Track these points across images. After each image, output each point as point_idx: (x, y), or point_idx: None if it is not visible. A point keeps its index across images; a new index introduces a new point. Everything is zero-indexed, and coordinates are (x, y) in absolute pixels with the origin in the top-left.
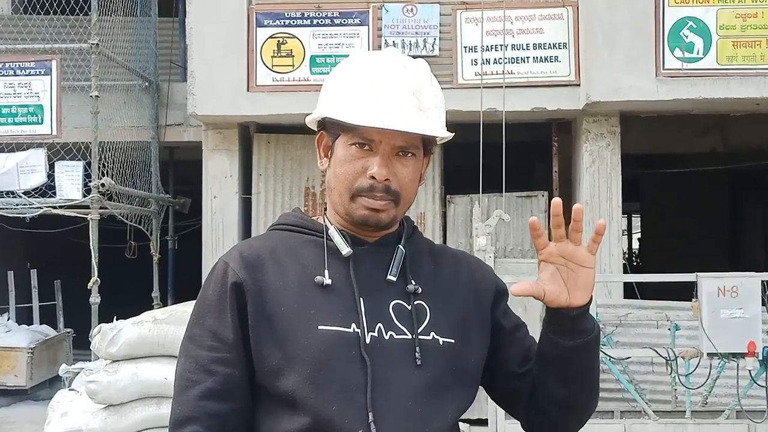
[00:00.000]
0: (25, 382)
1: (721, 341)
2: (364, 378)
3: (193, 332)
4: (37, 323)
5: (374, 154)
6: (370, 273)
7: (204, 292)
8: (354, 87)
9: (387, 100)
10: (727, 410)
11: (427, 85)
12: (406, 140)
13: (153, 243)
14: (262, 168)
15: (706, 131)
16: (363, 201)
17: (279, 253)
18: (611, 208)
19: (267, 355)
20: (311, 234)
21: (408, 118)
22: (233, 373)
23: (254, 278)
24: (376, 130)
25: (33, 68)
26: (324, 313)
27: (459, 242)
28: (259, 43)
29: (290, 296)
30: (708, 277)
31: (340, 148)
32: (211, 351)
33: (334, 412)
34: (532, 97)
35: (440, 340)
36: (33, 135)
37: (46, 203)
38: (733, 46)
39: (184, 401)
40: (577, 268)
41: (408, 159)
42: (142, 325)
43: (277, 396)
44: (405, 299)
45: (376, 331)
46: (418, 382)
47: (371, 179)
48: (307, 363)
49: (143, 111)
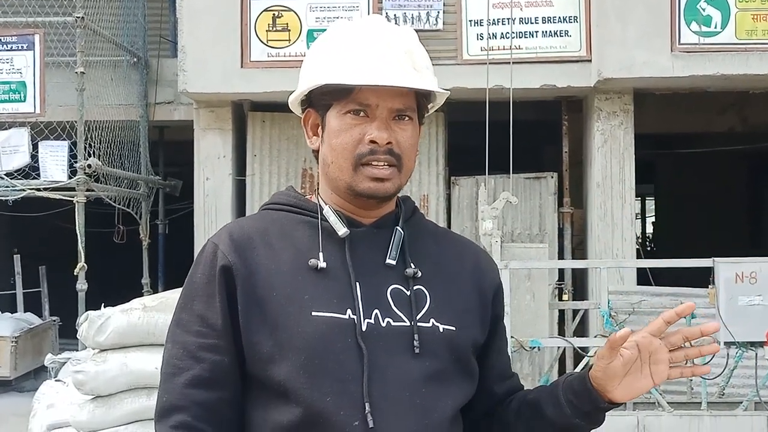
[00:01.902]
0: (9, 373)
1: (739, 330)
2: (361, 367)
3: (180, 317)
4: (21, 311)
5: (371, 120)
6: (367, 256)
7: (192, 275)
8: (344, 50)
9: (381, 59)
10: (745, 401)
11: (417, 46)
12: (403, 103)
13: (142, 227)
14: (256, 148)
15: (724, 110)
16: (367, 171)
17: (271, 234)
18: (624, 190)
19: (258, 343)
20: (305, 214)
21: (405, 74)
22: (222, 360)
23: (244, 261)
24: (373, 93)
25: (15, 43)
26: (318, 299)
27: (464, 226)
28: (254, 16)
29: (282, 280)
30: (725, 262)
31: (333, 120)
32: (199, 337)
33: (329, 403)
34: (540, 73)
35: (440, 327)
36: (15, 113)
37: (29, 185)
38: (752, 19)
39: (171, 389)
40: (647, 374)
41: (406, 123)
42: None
43: (269, 386)
44: (404, 284)
45: (372, 318)
46: (416, 372)
47: (371, 144)
48: (300, 351)
49: (131, 88)
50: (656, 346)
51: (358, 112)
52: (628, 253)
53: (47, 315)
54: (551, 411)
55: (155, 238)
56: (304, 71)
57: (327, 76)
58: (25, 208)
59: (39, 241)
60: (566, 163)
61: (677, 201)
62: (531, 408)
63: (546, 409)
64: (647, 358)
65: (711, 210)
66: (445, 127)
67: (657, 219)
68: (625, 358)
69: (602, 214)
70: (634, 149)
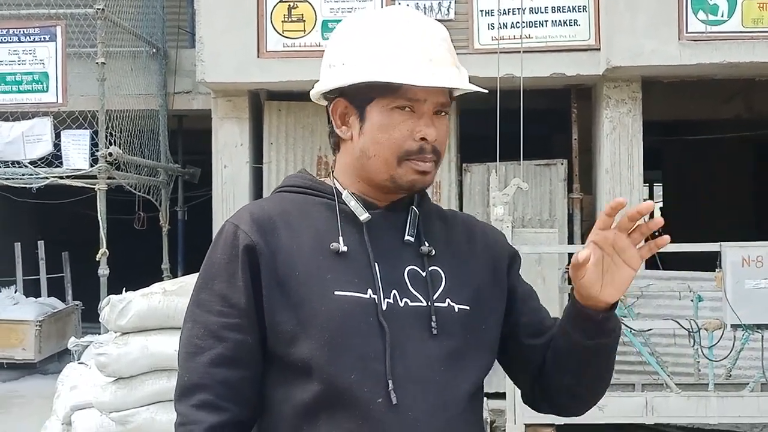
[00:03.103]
0: (34, 356)
1: (746, 312)
2: (383, 346)
3: (200, 297)
4: (44, 296)
5: (417, 116)
6: (384, 237)
7: (211, 255)
8: (391, 46)
9: (433, 57)
10: (752, 383)
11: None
12: (445, 97)
13: (162, 214)
14: (273, 136)
15: (731, 97)
16: (412, 165)
17: (291, 215)
18: (632, 176)
19: (280, 321)
20: (322, 196)
21: (454, 72)
22: (245, 339)
23: (267, 241)
24: (423, 90)
25: (37, 34)
26: (339, 279)
27: (476, 212)
28: (269, 7)
29: (304, 261)
30: (732, 246)
31: (377, 114)
32: (220, 316)
33: (353, 380)
34: (550, 62)
35: (456, 307)
36: (38, 103)
37: (52, 173)
38: (759, 8)
39: (193, 368)
40: (621, 264)
41: (443, 118)
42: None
43: (291, 363)
44: (419, 264)
45: (391, 298)
46: (435, 351)
47: (421, 141)
48: (323, 329)
49: (151, 78)
50: (612, 236)
51: (405, 107)
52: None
53: (70, 299)
54: (565, 344)
55: (175, 225)
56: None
57: (377, 73)
58: (49, 196)
59: (62, 227)
60: (576, 150)
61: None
62: (553, 349)
63: (561, 343)
64: (612, 251)
65: (718, 195)
66: (457, 115)
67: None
68: (593, 260)
69: (611, 200)
70: (642, 136)
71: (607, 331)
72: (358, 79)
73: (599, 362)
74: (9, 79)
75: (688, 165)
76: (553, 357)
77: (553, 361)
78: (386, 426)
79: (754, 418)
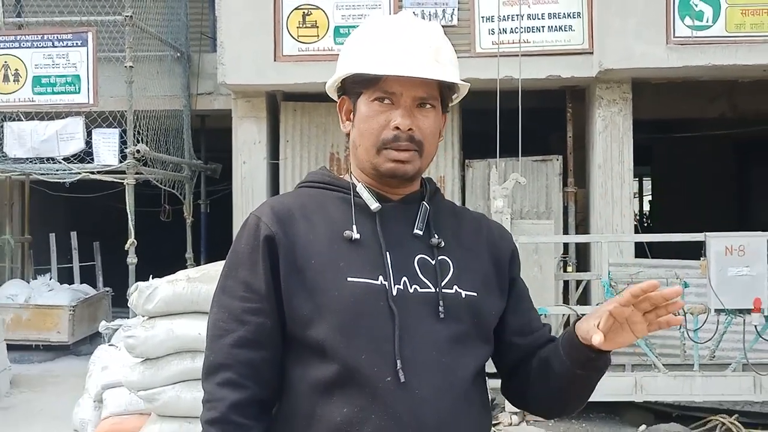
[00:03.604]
0: (68, 338)
1: (728, 298)
2: (392, 328)
3: (225, 284)
4: (77, 283)
5: (396, 107)
6: (396, 228)
7: (236, 245)
8: (373, 43)
9: (406, 51)
10: (734, 363)
11: (442, 41)
12: (425, 91)
13: (186, 206)
14: (288, 135)
15: (715, 97)
16: (388, 154)
17: (308, 208)
18: (623, 171)
19: (297, 306)
20: (338, 190)
21: (426, 66)
22: (265, 322)
23: (285, 232)
24: (397, 81)
25: (70, 40)
26: (352, 266)
27: (477, 204)
28: (285, 14)
29: (320, 250)
30: (716, 236)
31: (362, 106)
32: (243, 301)
33: (364, 360)
34: (546, 65)
35: (463, 293)
36: (71, 104)
37: (84, 168)
38: (741, 14)
39: (218, 349)
40: (627, 330)
41: (428, 111)
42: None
43: (308, 345)
44: (429, 254)
45: (401, 284)
46: (441, 334)
47: (395, 130)
48: (337, 313)
49: (175, 80)
50: (628, 313)
51: (384, 99)
52: (626, 228)
53: (101, 286)
54: (556, 364)
55: (198, 217)
56: (340, 60)
57: (357, 67)
58: (81, 190)
59: (93, 219)
60: (570, 146)
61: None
62: (543, 364)
63: (553, 364)
64: (624, 320)
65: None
66: (459, 114)
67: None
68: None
69: (603, 193)
70: (633, 134)
71: (598, 367)
72: (342, 73)
73: (581, 388)
74: (44, 81)
75: (675, 161)
76: (540, 371)
77: (540, 375)
78: (394, 403)
79: (736, 396)
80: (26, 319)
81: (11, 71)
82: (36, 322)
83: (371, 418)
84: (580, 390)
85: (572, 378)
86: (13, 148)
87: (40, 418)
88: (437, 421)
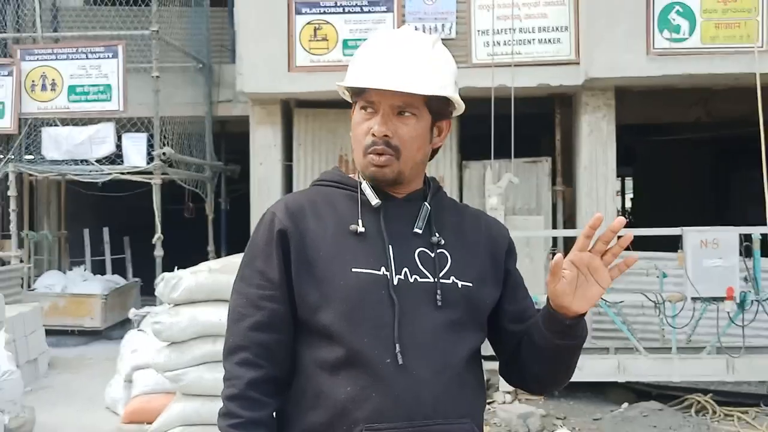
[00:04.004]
0: (100, 324)
1: (704, 287)
2: (392, 315)
3: (244, 273)
4: (109, 274)
5: (376, 115)
6: (399, 224)
7: (254, 238)
8: (365, 57)
9: (386, 65)
10: (709, 347)
11: (431, 55)
12: (403, 101)
13: (208, 204)
14: (301, 138)
15: (692, 104)
16: (370, 158)
17: (319, 205)
18: (607, 171)
19: (307, 294)
20: (347, 189)
21: (400, 78)
22: (278, 308)
23: (297, 226)
24: (376, 93)
25: (102, 52)
26: (357, 258)
27: (474, 202)
28: (298, 28)
29: (328, 242)
30: (692, 230)
31: (355, 114)
32: (259, 289)
33: (366, 344)
34: (537, 74)
35: (459, 283)
36: (103, 111)
37: (115, 170)
38: (715, 27)
39: (236, 332)
40: (593, 282)
41: (408, 118)
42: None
43: (316, 329)
44: (429, 248)
45: (402, 275)
46: (438, 321)
47: (372, 136)
48: (342, 301)
49: (198, 89)
50: (587, 258)
51: (367, 108)
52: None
53: (130, 277)
54: (538, 338)
55: (218, 213)
56: None
57: (346, 79)
58: (112, 189)
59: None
60: (558, 149)
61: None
62: (529, 341)
63: (536, 339)
64: (587, 270)
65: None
66: (458, 119)
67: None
68: (568, 278)
69: (588, 192)
70: (616, 137)
71: (575, 335)
72: (337, 84)
73: (565, 359)
74: (78, 90)
75: (655, 162)
76: (527, 347)
77: (528, 351)
78: (393, 383)
79: (710, 377)
80: (63, 306)
81: (48, 81)
82: (71, 309)
83: (372, 396)
84: (566, 361)
85: (555, 349)
86: (50, 151)
87: (76, 396)
88: (433, 400)
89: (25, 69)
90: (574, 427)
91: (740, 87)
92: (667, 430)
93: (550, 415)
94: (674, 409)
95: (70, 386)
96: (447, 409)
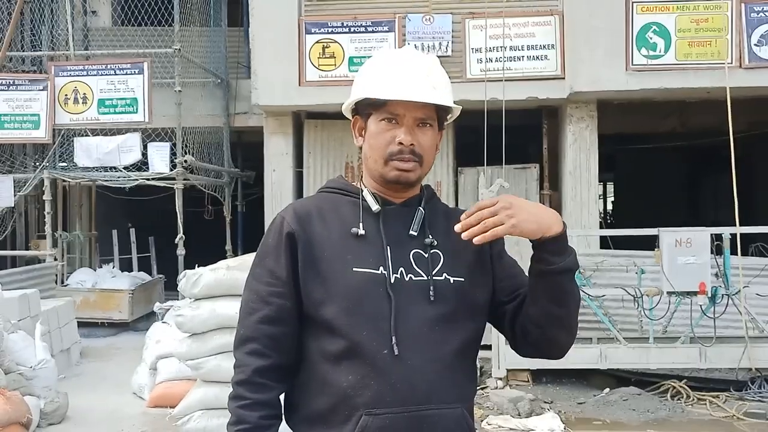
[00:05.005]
0: (128, 317)
1: (678, 282)
2: (389, 310)
3: (255, 271)
4: (135, 271)
5: (400, 126)
6: (396, 227)
7: (265, 239)
8: (381, 73)
9: (407, 80)
10: (683, 337)
11: (437, 69)
12: (424, 113)
13: (225, 207)
14: (311, 147)
15: (668, 115)
16: (394, 164)
17: (324, 210)
18: (590, 176)
19: (312, 290)
20: (350, 195)
21: (425, 92)
22: (285, 303)
23: (304, 229)
24: (401, 104)
25: (129, 69)
26: (358, 258)
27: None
28: (308, 47)
29: (331, 244)
30: (668, 231)
31: (372, 125)
32: (268, 286)
33: (364, 336)
34: (526, 88)
35: (451, 279)
36: (130, 122)
37: (140, 176)
38: (689, 45)
39: (247, 324)
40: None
41: (427, 129)
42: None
43: (320, 323)
44: (423, 249)
45: (399, 274)
46: (431, 315)
47: (399, 145)
48: (343, 297)
49: (216, 102)
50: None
51: (390, 119)
52: (593, 224)
53: (155, 273)
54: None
55: (235, 215)
56: (353, 87)
57: (368, 92)
58: (138, 193)
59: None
60: (546, 156)
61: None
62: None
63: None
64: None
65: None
66: (453, 130)
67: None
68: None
69: (573, 195)
70: (598, 146)
71: (559, 252)
72: (355, 97)
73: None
74: (107, 103)
75: (634, 168)
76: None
77: (528, 298)
78: (390, 372)
79: (685, 364)
80: (93, 300)
81: (80, 95)
82: (101, 303)
83: (371, 384)
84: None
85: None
86: (81, 158)
87: (105, 383)
88: (426, 387)
89: (59, 84)
90: (560, 410)
91: (712, 100)
92: (645, 413)
93: (538, 399)
94: (651, 394)
95: (100, 373)
96: (440, 395)
